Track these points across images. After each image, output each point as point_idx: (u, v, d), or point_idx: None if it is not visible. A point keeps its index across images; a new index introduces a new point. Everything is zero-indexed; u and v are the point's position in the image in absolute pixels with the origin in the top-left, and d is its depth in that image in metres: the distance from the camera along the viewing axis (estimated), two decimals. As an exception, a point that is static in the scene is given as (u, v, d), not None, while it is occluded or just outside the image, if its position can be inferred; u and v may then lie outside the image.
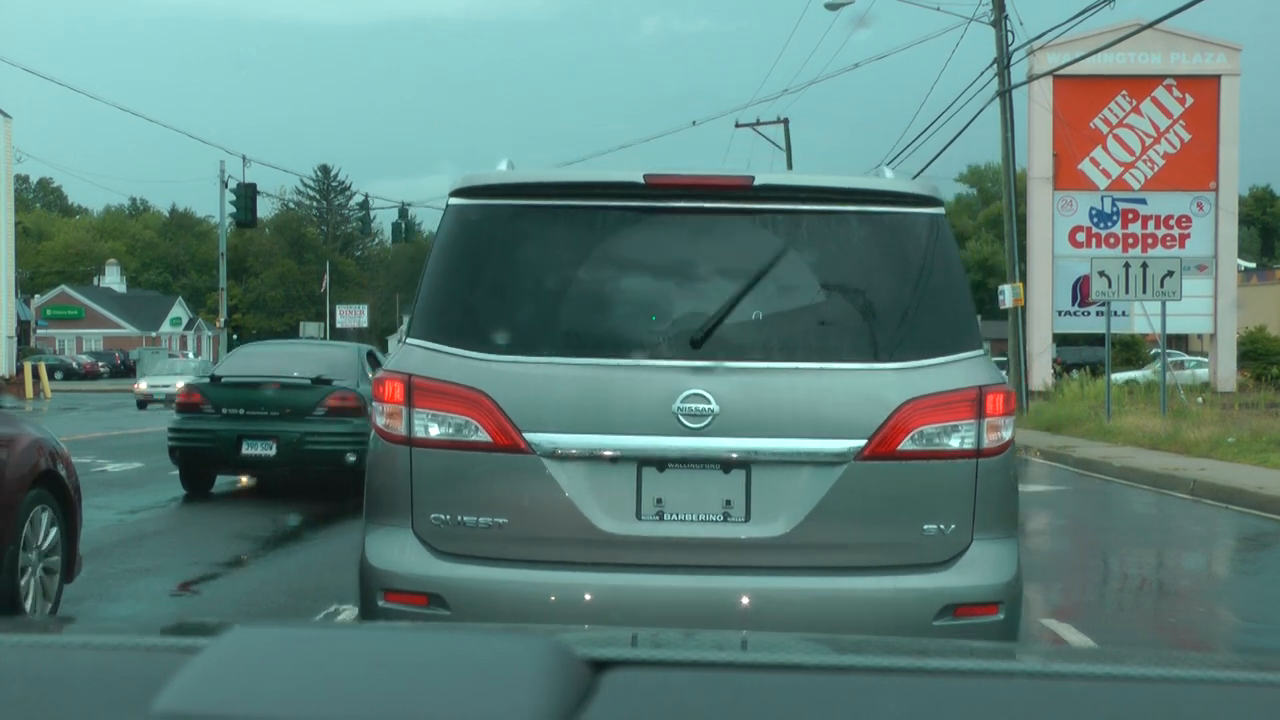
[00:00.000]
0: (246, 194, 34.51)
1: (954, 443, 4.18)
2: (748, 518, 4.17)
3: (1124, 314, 37.94)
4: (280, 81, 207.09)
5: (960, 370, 4.22)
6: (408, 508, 4.22)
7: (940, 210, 4.42)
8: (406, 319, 6.85)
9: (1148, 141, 37.24)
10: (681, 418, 4.11)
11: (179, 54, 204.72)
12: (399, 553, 4.23)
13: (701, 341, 4.12)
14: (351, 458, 13.47)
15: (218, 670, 1.20)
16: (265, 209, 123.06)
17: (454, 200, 4.42)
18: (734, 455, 4.14)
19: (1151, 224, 37.31)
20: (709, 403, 4.10)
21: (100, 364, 66.42)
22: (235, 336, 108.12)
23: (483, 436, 4.15)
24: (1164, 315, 22.67)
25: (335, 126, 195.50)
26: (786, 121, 51.04)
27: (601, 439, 4.15)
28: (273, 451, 13.71)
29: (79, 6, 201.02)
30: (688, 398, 4.10)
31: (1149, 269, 22.39)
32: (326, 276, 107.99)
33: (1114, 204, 37.42)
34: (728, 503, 4.17)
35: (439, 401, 4.17)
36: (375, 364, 15.06)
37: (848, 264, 4.31)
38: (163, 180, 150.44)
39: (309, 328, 66.74)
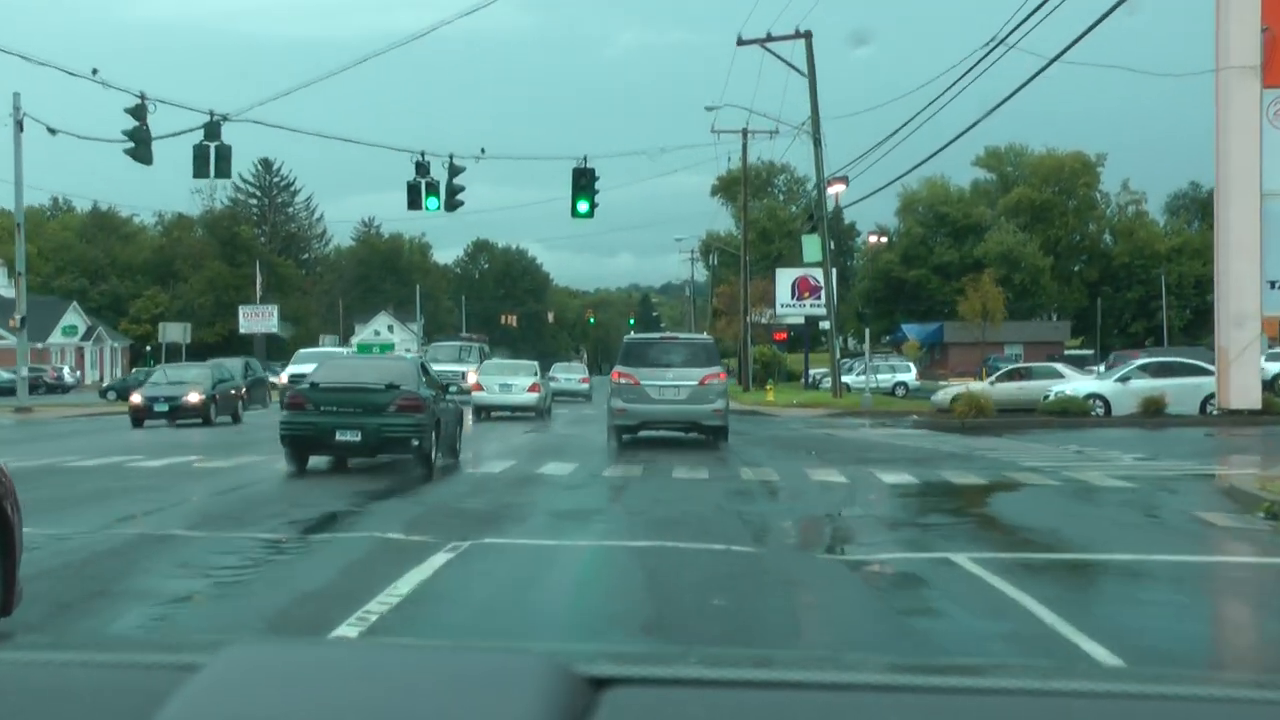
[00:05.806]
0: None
1: (715, 382, 27.34)
2: (679, 396, 27.05)
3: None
4: (269, 91, 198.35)
5: (717, 369, 27.81)
6: (619, 393, 27.36)
7: (712, 340, 30.68)
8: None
9: None
10: (667, 376, 27.32)
11: (165, 61, 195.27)
12: (619, 401, 27.11)
13: (670, 364, 27.53)
14: (416, 443, 18.95)
15: (217, 688, 1.23)
16: (193, 204, 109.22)
17: (625, 339, 29.72)
18: (677, 384, 27.09)
19: None
20: (671, 374, 27.42)
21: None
22: (152, 348, 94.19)
23: (631, 383, 27.11)
24: None
25: (305, 138, 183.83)
26: (809, 35, 36.95)
27: (653, 382, 27.06)
28: (358, 438, 18.89)
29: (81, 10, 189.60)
30: (668, 374, 27.40)
31: None
32: (259, 280, 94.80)
33: (1357, 109, 23.50)
34: (675, 392, 27.05)
35: (622, 376, 27.50)
36: (427, 373, 21.50)
37: (698, 351, 28.36)
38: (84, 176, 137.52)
39: (169, 330, 52.68)
